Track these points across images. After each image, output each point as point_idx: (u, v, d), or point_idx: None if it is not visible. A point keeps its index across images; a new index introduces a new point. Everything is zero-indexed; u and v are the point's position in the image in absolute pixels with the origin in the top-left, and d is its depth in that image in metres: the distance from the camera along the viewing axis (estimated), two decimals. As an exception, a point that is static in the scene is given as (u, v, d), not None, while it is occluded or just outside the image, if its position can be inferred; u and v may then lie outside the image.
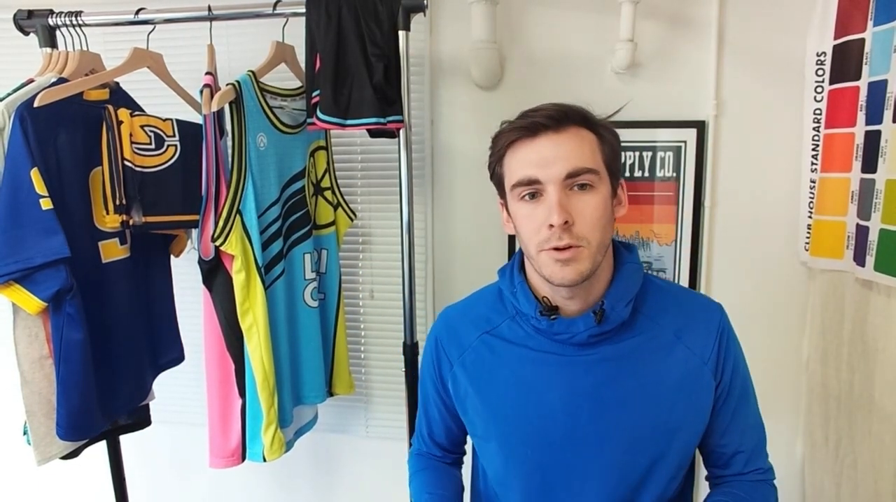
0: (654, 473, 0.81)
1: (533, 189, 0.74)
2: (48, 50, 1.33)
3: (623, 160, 1.45)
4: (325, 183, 1.46)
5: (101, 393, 1.26)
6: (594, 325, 0.78)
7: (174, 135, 1.29)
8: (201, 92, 1.18)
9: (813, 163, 1.38)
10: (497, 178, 0.81)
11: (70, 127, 1.19)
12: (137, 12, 1.30)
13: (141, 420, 1.49)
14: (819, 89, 1.35)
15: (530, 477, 0.83)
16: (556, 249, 0.73)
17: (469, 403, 0.88)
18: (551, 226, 0.72)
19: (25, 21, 1.34)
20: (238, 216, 1.21)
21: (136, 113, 1.26)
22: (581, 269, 0.74)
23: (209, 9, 1.28)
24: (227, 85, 1.19)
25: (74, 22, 1.30)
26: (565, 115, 0.74)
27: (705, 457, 0.90)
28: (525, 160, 0.75)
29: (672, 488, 0.84)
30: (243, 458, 1.30)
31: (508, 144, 0.77)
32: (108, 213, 1.22)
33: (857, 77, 1.26)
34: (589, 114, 0.78)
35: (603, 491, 0.81)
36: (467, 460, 1.04)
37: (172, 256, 1.49)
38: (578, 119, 0.76)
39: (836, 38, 1.30)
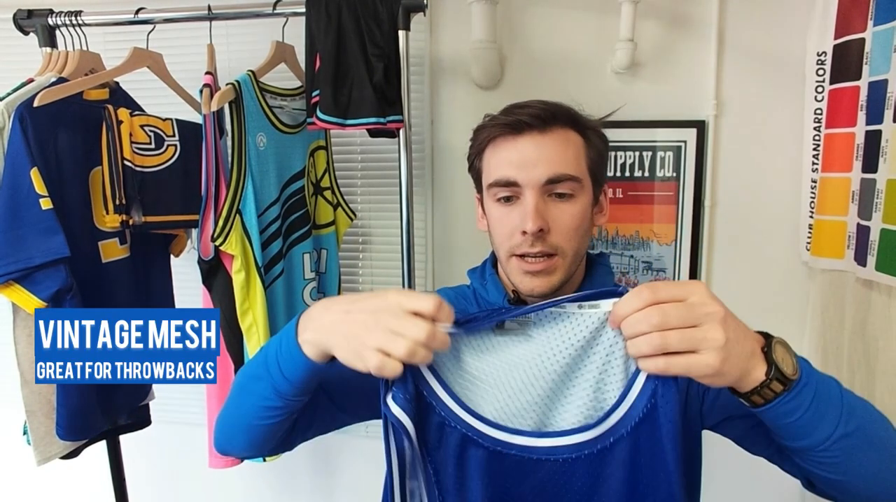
0: None
1: (510, 191, 0.71)
2: (48, 49, 1.33)
3: (623, 160, 1.45)
4: (325, 182, 1.45)
5: (101, 393, 1.26)
6: None
7: (174, 135, 1.29)
8: (201, 92, 1.18)
9: (814, 163, 1.38)
10: (475, 172, 0.78)
11: (70, 127, 1.19)
12: (137, 12, 1.30)
13: (141, 420, 1.49)
14: (819, 89, 1.35)
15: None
16: (527, 259, 0.70)
17: None
18: (524, 232, 0.69)
19: (25, 21, 1.34)
20: (238, 216, 1.20)
21: (136, 113, 1.26)
22: (553, 282, 0.71)
23: (209, 9, 1.27)
24: (227, 84, 1.19)
25: (74, 22, 1.30)
26: (552, 115, 0.71)
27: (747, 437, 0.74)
28: (505, 160, 0.71)
29: None
30: (242, 458, 1.30)
31: (490, 140, 0.73)
32: (107, 213, 1.22)
33: (858, 77, 1.26)
34: (578, 114, 0.74)
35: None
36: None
37: (172, 256, 1.49)
38: (566, 119, 0.72)
39: (836, 38, 1.30)
